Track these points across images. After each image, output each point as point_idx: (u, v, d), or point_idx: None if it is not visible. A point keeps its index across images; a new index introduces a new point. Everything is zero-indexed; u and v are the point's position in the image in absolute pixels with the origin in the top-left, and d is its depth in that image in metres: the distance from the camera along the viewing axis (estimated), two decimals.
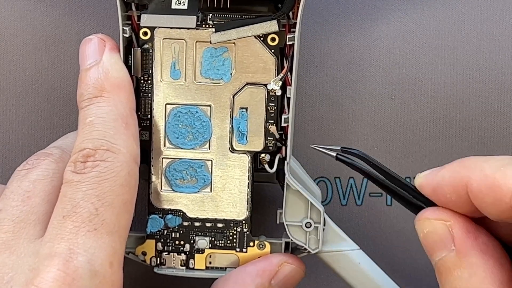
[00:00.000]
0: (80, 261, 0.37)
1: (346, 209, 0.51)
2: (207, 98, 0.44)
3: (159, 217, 0.45)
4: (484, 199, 0.35)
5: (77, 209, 0.38)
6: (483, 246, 0.36)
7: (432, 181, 0.38)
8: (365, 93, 0.50)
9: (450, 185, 0.37)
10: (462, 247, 0.36)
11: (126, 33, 0.43)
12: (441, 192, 0.37)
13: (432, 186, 0.38)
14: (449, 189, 0.37)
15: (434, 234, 0.37)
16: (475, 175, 0.35)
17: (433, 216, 0.38)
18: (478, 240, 0.36)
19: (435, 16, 0.50)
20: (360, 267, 0.45)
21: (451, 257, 0.36)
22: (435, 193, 0.38)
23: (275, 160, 0.44)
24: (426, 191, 0.39)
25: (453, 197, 0.37)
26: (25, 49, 0.50)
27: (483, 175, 0.35)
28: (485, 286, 0.35)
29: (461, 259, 0.36)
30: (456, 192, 0.36)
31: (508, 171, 0.34)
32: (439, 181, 0.37)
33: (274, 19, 0.42)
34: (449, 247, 0.36)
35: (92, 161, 0.39)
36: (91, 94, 0.42)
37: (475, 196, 0.35)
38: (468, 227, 0.37)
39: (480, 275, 0.35)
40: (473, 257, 0.36)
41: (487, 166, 0.35)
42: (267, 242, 0.45)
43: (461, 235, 0.37)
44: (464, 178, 0.36)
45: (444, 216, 0.37)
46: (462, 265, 0.36)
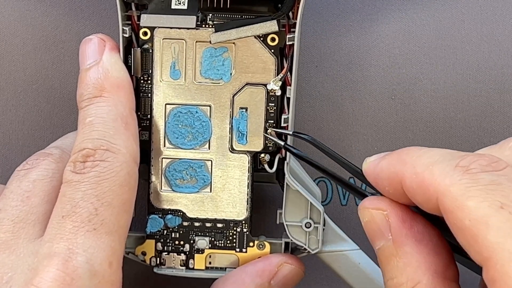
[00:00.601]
0: (80, 261, 0.37)
1: (346, 209, 0.51)
2: (207, 98, 0.44)
3: (159, 217, 0.45)
4: (415, 196, 0.35)
5: (76, 209, 0.38)
6: (418, 235, 0.36)
7: (374, 170, 0.38)
8: (365, 93, 0.50)
9: (387, 178, 0.37)
10: (397, 236, 0.36)
11: (126, 33, 0.43)
12: (380, 183, 0.37)
13: (373, 175, 0.38)
14: (386, 182, 0.37)
15: (372, 223, 0.37)
16: (408, 171, 0.35)
17: (371, 206, 0.37)
18: (413, 229, 0.36)
19: (435, 16, 0.50)
20: (360, 267, 0.45)
21: (388, 246, 0.36)
22: (376, 183, 0.38)
23: (275, 160, 0.44)
24: (369, 179, 0.38)
25: (390, 190, 0.36)
26: (25, 49, 0.50)
27: (414, 172, 0.35)
28: (418, 276, 0.35)
29: (396, 248, 0.36)
30: (392, 186, 0.36)
31: (436, 170, 0.34)
32: (378, 172, 0.37)
33: (274, 19, 0.42)
34: (386, 236, 0.36)
35: (91, 161, 0.39)
36: (91, 94, 0.42)
37: (408, 192, 0.35)
38: (403, 216, 0.37)
39: (414, 264, 0.35)
40: (407, 246, 0.36)
41: (419, 163, 0.35)
42: (267, 242, 0.45)
43: (396, 224, 0.36)
44: (399, 173, 0.36)
45: (381, 205, 0.37)
46: (398, 254, 0.36)
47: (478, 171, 0.33)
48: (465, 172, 0.33)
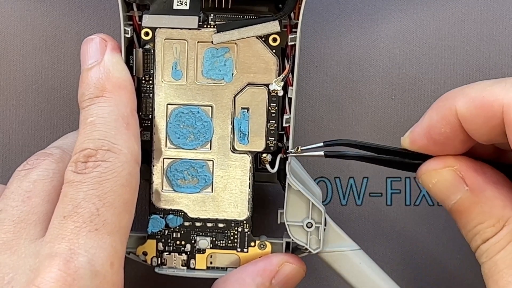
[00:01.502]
0: (81, 261, 0.37)
1: (346, 209, 0.51)
2: (208, 98, 0.44)
3: (160, 217, 0.45)
4: (476, 120, 0.36)
5: (78, 209, 0.38)
6: (493, 179, 0.38)
7: (422, 129, 0.39)
8: (365, 93, 0.50)
9: (440, 119, 0.38)
10: (475, 185, 0.38)
11: (128, 34, 0.43)
12: (434, 131, 0.38)
13: (423, 133, 0.39)
14: (440, 124, 0.38)
15: (444, 181, 0.39)
16: (461, 101, 0.37)
17: (438, 166, 0.39)
18: (487, 174, 0.38)
19: (435, 16, 0.50)
20: (361, 267, 0.45)
21: (467, 197, 0.38)
22: (429, 136, 0.39)
23: (277, 160, 0.44)
24: (420, 142, 0.39)
25: (447, 130, 0.38)
26: (25, 49, 0.50)
27: (470, 98, 0.36)
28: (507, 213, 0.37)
29: (477, 195, 0.38)
30: (448, 124, 0.37)
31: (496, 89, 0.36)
32: (428, 124, 0.39)
33: (275, 19, 0.42)
34: (462, 188, 0.38)
35: (93, 161, 0.39)
36: (92, 94, 0.42)
37: (466, 120, 0.37)
38: (474, 165, 0.38)
39: (500, 204, 0.37)
40: (487, 191, 0.37)
41: (471, 91, 0.37)
42: (268, 242, 0.45)
43: (470, 174, 0.38)
44: (452, 107, 0.37)
45: (448, 162, 0.38)
46: (481, 201, 0.37)
47: None
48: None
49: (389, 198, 0.51)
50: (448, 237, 0.50)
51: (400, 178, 0.51)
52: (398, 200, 0.51)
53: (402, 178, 0.51)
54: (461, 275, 0.51)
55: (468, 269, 0.51)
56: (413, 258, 0.51)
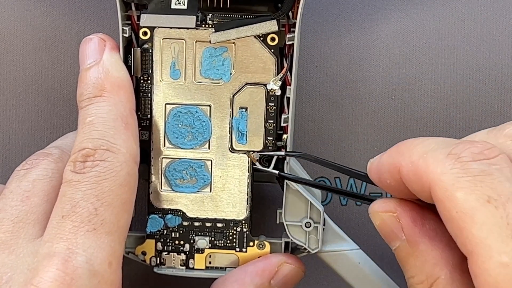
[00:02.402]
0: (79, 261, 0.37)
1: (346, 209, 0.51)
2: (206, 98, 0.44)
3: (159, 217, 0.45)
4: (412, 186, 0.35)
5: (76, 209, 0.38)
6: (431, 232, 0.36)
7: (376, 167, 0.38)
8: (365, 93, 0.50)
9: (387, 171, 0.37)
10: (410, 236, 0.36)
11: (126, 33, 0.43)
12: (382, 178, 0.38)
13: (376, 172, 0.38)
14: (387, 175, 0.37)
15: (385, 226, 0.38)
16: (404, 161, 0.35)
17: (380, 209, 0.38)
18: (425, 226, 0.36)
19: (435, 16, 0.50)
20: (360, 267, 0.45)
21: (404, 246, 0.37)
22: (379, 179, 0.38)
23: (273, 159, 0.44)
24: (372, 177, 0.39)
25: (392, 183, 0.37)
26: (25, 49, 0.50)
27: (410, 161, 0.35)
28: (437, 272, 0.35)
29: (412, 247, 0.36)
30: (393, 178, 0.36)
31: (429, 158, 0.34)
32: (380, 167, 0.38)
33: (273, 19, 0.42)
34: (400, 236, 0.37)
35: (91, 160, 0.39)
36: (91, 94, 0.42)
37: (405, 182, 0.36)
38: (414, 215, 0.37)
39: (431, 261, 0.36)
40: (422, 245, 0.36)
41: (415, 152, 0.35)
42: (267, 242, 0.45)
43: (408, 224, 0.37)
44: (397, 164, 0.36)
45: (390, 208, 0.37)
46: (414, 254, 0.36)
47: (469, 160, 0.33)
48: (456, 161, 0.33)
49: None
50: None
51: None
52: None
53: None
54: None
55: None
56: None
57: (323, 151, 0.50)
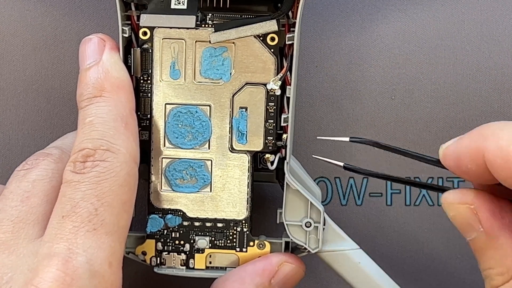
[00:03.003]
0: (80, 261, 0.37)
1: (346, 209, 0.51)
2: (206, 98, 0.44)
3: (159, 217, 0.45)
4: (500, 171, 0.34)
5: (76, 209, 0.38)
6: (510, 226, 0.36)
7: (454, 151, 0.37)
8: (365, 93, 0.50)
9: (468, 155, 0.36)
10: (489, 229, 0.36)
11: (126, 33, 0.43)
12: (461, 163, 0.36)
13: (453, 157, 0.37)
14: (468, 159, 0.36)
15: (460, 218, 0.37)
16: (491, 145, 0.34)
17: (456, 200, 0.37)
18: (505, 220, 0.36)
19: (435, 16, 0.50)
20: (360, 267, 0.45)
21: (481, 238, 0.36)
22: (458, 164, 0.37)
23: (275, 159, 0.44)
24: (448, 163, 0.37)
25: (473, 167, 0.36)
26: (25, 49, 0.50)
27: (498, 146, 0.34)
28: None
29: (490, 240, 0.36)
30: (474, 162, 0.35)
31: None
32: (459, 151, 0.36)
33: (273, 18, 0.42)
34: (477, 228, 0.36)
35: (91, 161, 0.39)
36: (91, 94, 0.42)
37: (491, 167, 0.35)
38: (492, 207, 0.36)
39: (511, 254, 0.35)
40: (501, 238, 0.36)
41: (503, 137, 0.34)
42: (267, 242, 0.45)
43: (487, 217, 0.36)
44: (481, 148, 0.35)
45: (467, 199, 0.37)
46: (493, 247, 0.36)
47: None
48: None
49: (389, 198, 0.51)
50: (448, 237, 0.50)
51: None
52: (398, 200, 0.51)
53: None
54: (461, 275, 0.51)
55: (468, 269, 0.50)
56: (413, 258, 0.51)
57: (323, 151, 0.50)
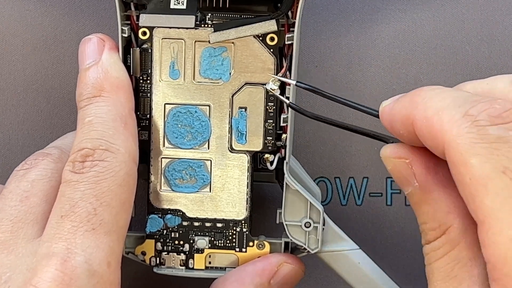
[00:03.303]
0: (78, 261, 0.37)
1: (346, 209, 0.51)
2: (206, 97, 0.44)
3: (159, 217, 0.45)
4: (426, 141, 0.34)
5: (75, 209, 0.38)
6: (444, 181, 0.36)
7: (389, 113, 0.37)
8: (365, 93, 0.50)
9: (400, 121, 0.36)
10: (423, 183, 0.36)
11: (125, 33, 0.43)
12: (395, 127, 0.37)
13: (388, 119, 0.37)
14: (400, 125, 0.36)
15: (396, 171, 0.37)
16: (418, 114, 0.34)
17: (392, 155, 0.37)
18: (439, 174, 0.36)
19: (435, 16, 0.49)
20: (360, 267, 0.45)
21: (416, 193, 0.36)
22: (391, 126, 0.37)
23: (275, 159, 0.44)
24: (384, 123, 0.38)
25: (404, 133, 0.36)
26: (25, 49, 0.50)
27: (424, 116, 0.34)
28: (449, 220, 0.35)
29: (424, 195, 0.36)
30: (406, 129, 0.35)
31: (445, 116, 0.33)
32: (392, 116, 0.37)
33: (273, 18, 0.42)
34: (412, 183, 0.36)
35: (90, 160, 0.39)
36: (90, 94, 0.42)
37: (419, 136, 0.35)
38: (427, 162, 0.36)
39: (444, 209, 0.35)
40: (434, 193, 0.35)
41: (430, 106, 0.34)
42: (266, 242, 0.45)
43: (421, 172, 0.36)
44: (411, 116, 0.35)
45: (402, 154, 0.37)
46: (427, 201, 0.36)
47: (486, 124, 0.32)
48: (473, 124, 0.32)
49: (389, 198, 0.51)
50: None
51: None
52: (398, 200, 0.51)
53: None
54: None
55: None
56: (413, 258, 0.51)
57: (323, 151, 0.50)
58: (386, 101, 0.38)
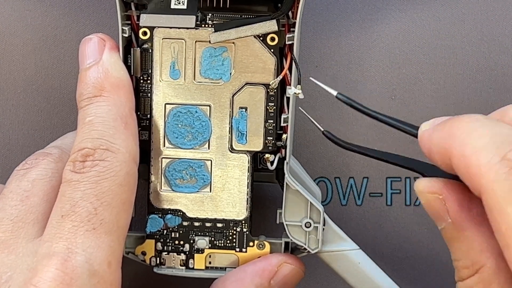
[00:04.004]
0: (79, 260, 0.37)
1: (346, 209, 0.51)
2: (206, 98, 0.44)
3: (159, 217, 0.45)
4: (463, 178, 0.34)
5: (76, 209, 0.38)
6: (478, 218, 0.35)
7: (427, 141, 0.37)
8: (365, 93, 0.50)
9: (438, 152, 0.35)
10: (456, 220, 0.36)
11: (126, 33, 0.43)
12: (432, 156, 0.36)
13: (426, 146, 0.37)
14: (437, 157, 0.35)
15: (430, 206, 0.37)
16: (456, 150, 0.34)
17: (425, 190, 0.37)
18: (473, 211, 0.35)
19: (435, 16, 0.50)
20: (360, 267, 0.45)
21: (450, 229, 0.36)
22: (429, 154, 0.36)
23: (275, 159, 0.44)
24: (423, 148, 0.37)
25: (442, 165, 0.35)
26: (25, 49, 0.50)
27: (462, 154, 0.33)
28: (482, 260, 0.35)
29: (457, 232, 0.36)
30: (443, 162, 0.35)
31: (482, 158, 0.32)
32: (430, 143, 0.36)
33: (273, 18, 0.42)
34: (446, 219, 0.36)
35: (91, 160, 0.39)
36: (91, 94, 0.42)
37: (456, 171, 0.34)
38: (461, 198, 0.36)
39: (477, 248, 0.35)
40: (468, 231, 0.35)
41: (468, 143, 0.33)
42: (266, 242, 0.45)
43: (454, 208, 0.36)
44: (448, 149, 0.34)
45: (436, 189, 0.36)
46: (460, 239, 0.36)
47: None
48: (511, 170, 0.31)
49: (389, 198, 0.51)
50: None
51: (400, 178, 0.50)
52: (398, 200, 0.51)
53: (402, 178, 0.50)
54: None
55: None
56: (413, 258, 0.51)
57: (323, 151, 0.50)
58: (425, 123, 0.37)
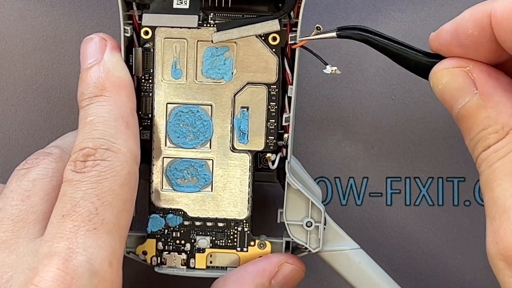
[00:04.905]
0: (80, 260, 0.37)
1: (346, 209, 0.51)
2: (208, 97, 0.44)
3: (160, 216, 0.45)
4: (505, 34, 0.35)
5: (77, 208, 0.38)
6: (506, 86, 0.36)
7: (450, 25, 0.37)
8: (365, 93, 0.50)
9: (471, 19, 0.36)
10: (484, 89, 0.36)
11: (127, 33, 0.43)
12: (462, 30, 0.37)
13: (450, 30, 0.37)
14: (471, 24, 0.36)
15: (453, 82, 0.37)
16: (499, 3, 0.35)
17: (451, 65, 0.37)
18: (500, 80, 0.36)
19: (435, 15, 0.50)
20: (361, 266, 0.45)
21: (475, 101, 0.37)
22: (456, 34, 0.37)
23: (276, 158, 0.44)
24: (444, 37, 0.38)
25: (475, 32, 0.36)
26: (25, 49, 0.50)
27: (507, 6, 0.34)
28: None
29: (486, 100, 0.36)
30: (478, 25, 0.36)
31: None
32: (458, 21, 0.37)
33: (275, 18, 0.42)
34: (471, 91, 0.37)
35: (92, 160, 0.39)
36: (92, 93, 0.42)
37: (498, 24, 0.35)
38: (487, 70, 0.37)
39: (507, 111, 0.36)
40: (497, 96, 0.36)
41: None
42: (267, 242, 0.45)
43: (482, 77, 0.36)
44: (487, 9, 0.35)
45: (462, 63, 0.37)
46: (488, 105, 0.36)
47: None
48: None
49: (389, 198, 0.51)
50: (448, 237, 0.50)
51: (400, 178, 0.51)
52: (398, 200, 0.51)
53: (402, 178, 0.51)
54: (461, 275, 0.51)
55: (468, 269, 0.51)
56: (413, 258, 0.51)
57: (323, 151, 0.50)
58: None
